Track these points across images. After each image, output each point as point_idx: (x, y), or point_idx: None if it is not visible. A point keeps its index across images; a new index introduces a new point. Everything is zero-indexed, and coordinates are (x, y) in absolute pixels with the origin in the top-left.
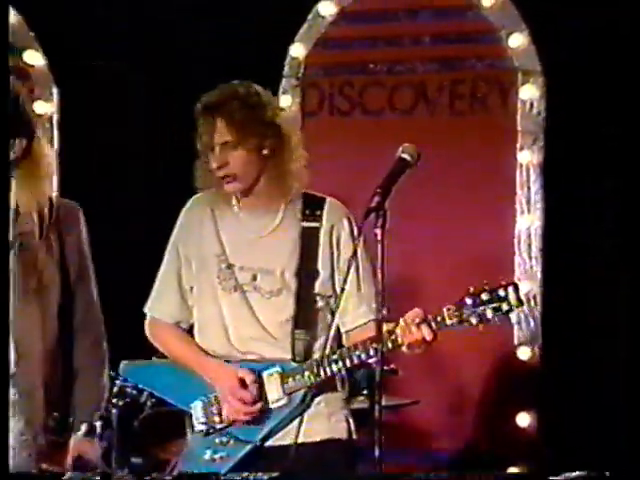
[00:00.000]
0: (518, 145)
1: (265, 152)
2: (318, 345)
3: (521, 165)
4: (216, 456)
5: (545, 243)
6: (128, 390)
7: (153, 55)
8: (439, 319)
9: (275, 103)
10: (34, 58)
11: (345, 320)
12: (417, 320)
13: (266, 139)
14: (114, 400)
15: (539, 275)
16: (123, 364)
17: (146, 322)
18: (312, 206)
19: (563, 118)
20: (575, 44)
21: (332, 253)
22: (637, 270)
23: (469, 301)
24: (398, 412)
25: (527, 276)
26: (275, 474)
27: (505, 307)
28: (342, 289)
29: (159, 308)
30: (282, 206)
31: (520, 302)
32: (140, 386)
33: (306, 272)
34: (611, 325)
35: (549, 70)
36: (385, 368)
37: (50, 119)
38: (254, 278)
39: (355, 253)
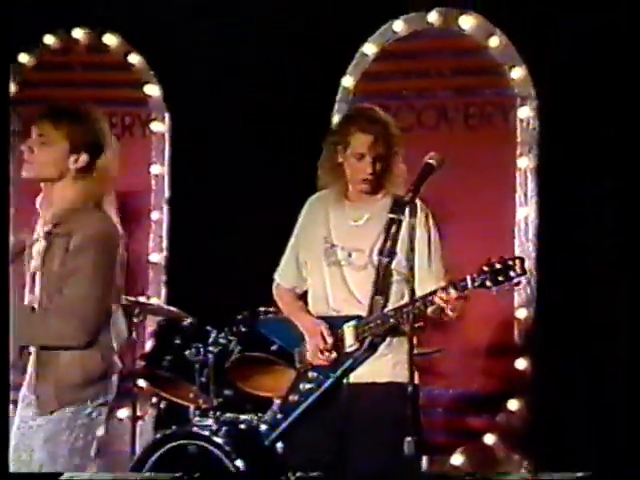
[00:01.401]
0: (517, 153)
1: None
2: (390, 307)
3: (520, 169)
4: (307, 386)
5: (538, 229)
6: (221, 340)
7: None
8: (463, 284)
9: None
10: (152, 90)
11: (420, 289)
12: (447, 283)
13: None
14: (210, 348)
15: (533, 254)
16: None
17: (273, 285)
18: (399, 202)
19: (552, 132)
20: (562, 71)
21: (410, 240)
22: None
23: (486, 269)
24: (424, 359)
25: (524, 255)
26: None
27: (512, 274)
28: (415, 266)
29: (282, 276)
30: (377, 201)
31: (524, 271)
32: (263, 332)
33: (386, 253)
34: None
35: (541, 94)
36: (415, 325)
37: (163, 136)
38: (349, 255)
39: (429, 240)
